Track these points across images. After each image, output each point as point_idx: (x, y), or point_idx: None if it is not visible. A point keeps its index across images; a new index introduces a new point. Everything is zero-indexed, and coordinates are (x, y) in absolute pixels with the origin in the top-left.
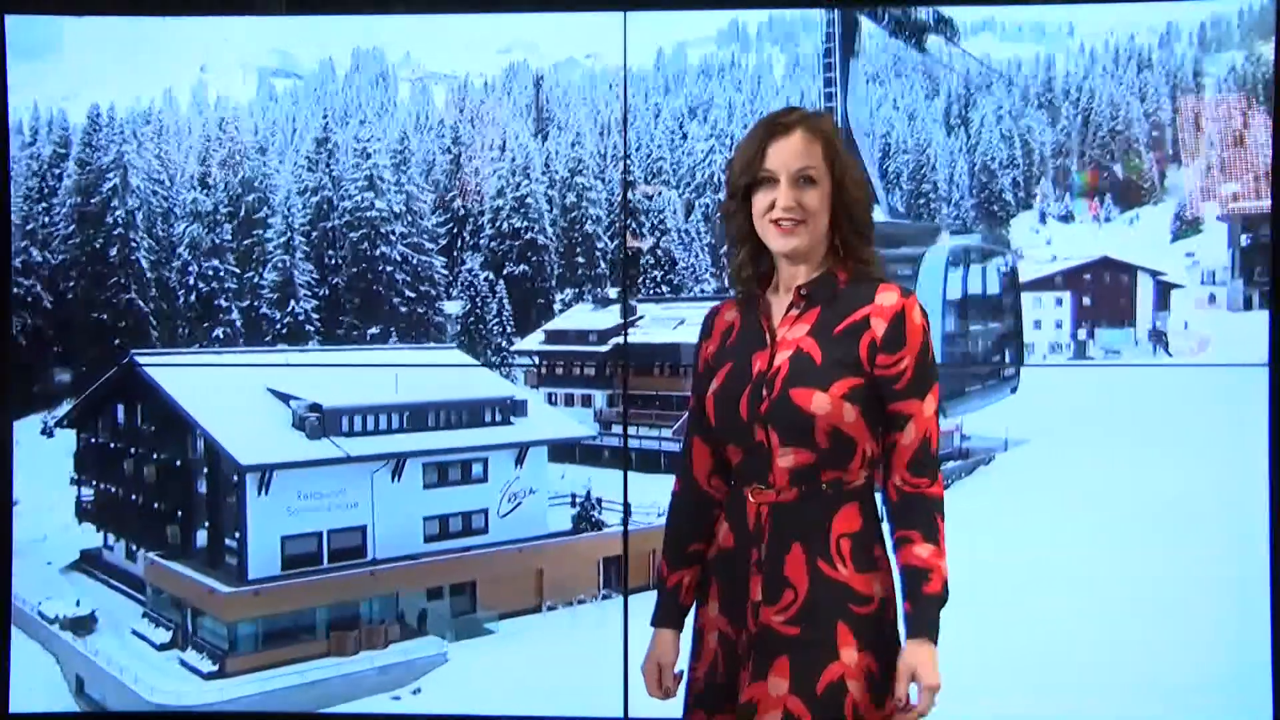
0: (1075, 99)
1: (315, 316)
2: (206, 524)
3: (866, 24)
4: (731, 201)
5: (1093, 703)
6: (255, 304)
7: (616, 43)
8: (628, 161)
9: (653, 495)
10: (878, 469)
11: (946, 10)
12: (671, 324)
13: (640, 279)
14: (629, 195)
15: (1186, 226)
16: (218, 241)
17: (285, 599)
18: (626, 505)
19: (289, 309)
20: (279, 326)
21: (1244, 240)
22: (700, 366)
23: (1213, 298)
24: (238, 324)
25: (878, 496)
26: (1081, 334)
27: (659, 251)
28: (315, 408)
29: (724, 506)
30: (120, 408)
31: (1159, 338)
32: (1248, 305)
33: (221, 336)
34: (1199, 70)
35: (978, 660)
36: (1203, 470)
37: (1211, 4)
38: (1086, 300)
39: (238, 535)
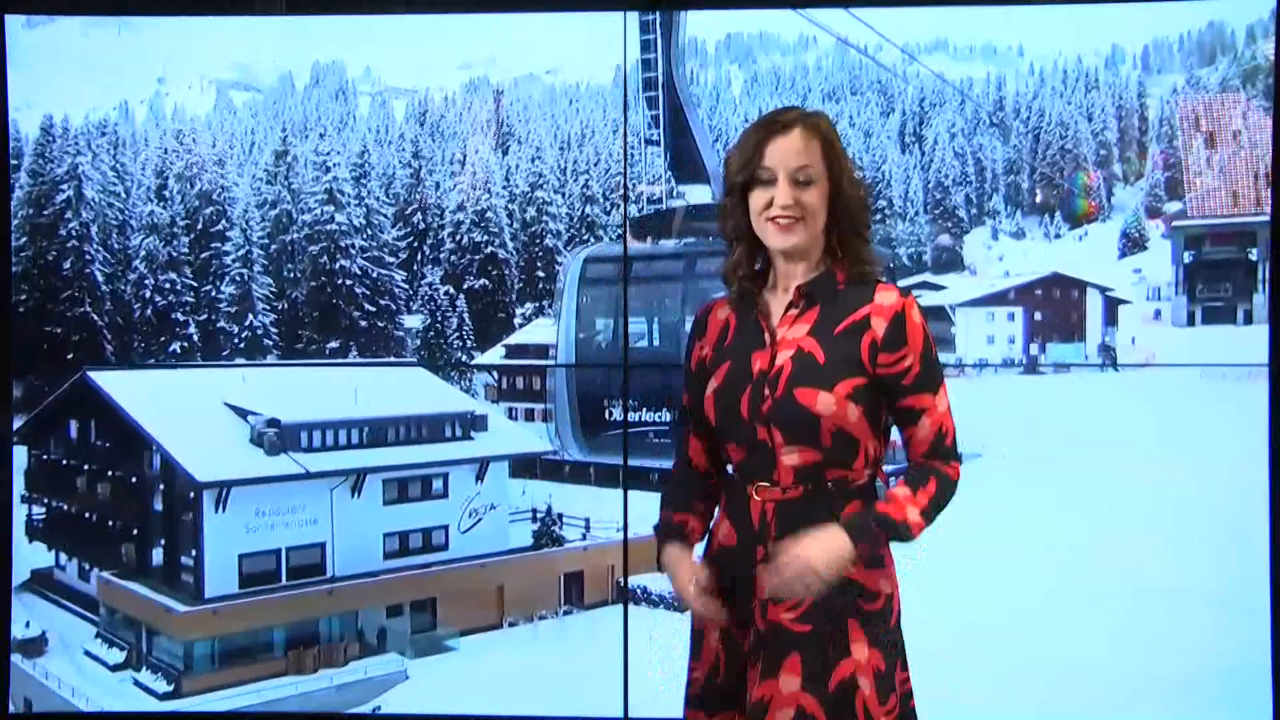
0: (1026, 118)
1: (274, 330)
2: (162, 542)
3: (823, 41)
4: (729, 199)
5: (1093, 703)
6: (213, 318)
7: (577, 57)
8: (627, 161)
9: (612, 511)
10: (880, 468)
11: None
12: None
13: None
14: (628, 195)
15: (1132, 244)
16: (175, 254)
17: (243, 617)
18: (626, 509)
19: (247, 323)
20: (237, 340)
21: (1187, 258)
22: (693, 365)
23: (1158, 313)
24: (195, 338)
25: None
26: (1034, 348)
27: None
28: (274, 423)
29: (723, 504)
30: (74, 423)
31: (1108, 352)
32: (1191, 321)
33: (178, 350)
34: (1143, 92)
35: (978, 661)
36: (1202, 471)
37: (1152, 28)
38: (1038, 315)
39: (194, 553)
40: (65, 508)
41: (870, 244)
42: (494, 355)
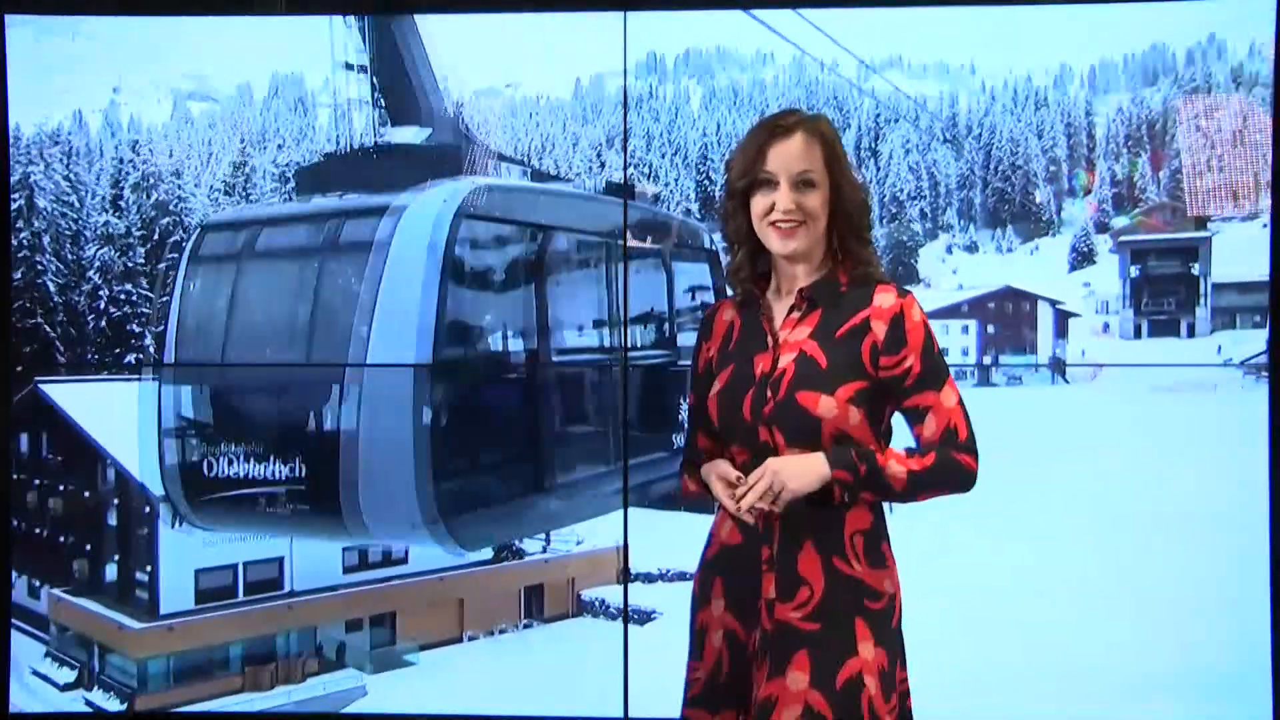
0: (978, 134)
1: None
2: (116, 557)
3: (780, 57)
4: (730, 203)
5: (1093, 703)
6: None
7: (536, 71)
8: (627, 163)
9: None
10: None
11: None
12: None
13: None
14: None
15: (1082, 258)
16: (130, 265)
17: (198, 634)
18: (626, 513)
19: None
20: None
21: (1134, 271)
22: (700, 367)
23: (1107, 326)
24: (151, 349)
25: None
26: (987, 360)
27: None
28: None
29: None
30: (24, 437)
31: (1058, 365)
32: (1137, 334)
33: (133, 362)
34: (1090, 110)
35: (977, 663)
36: (1202, 472)
37: (1099, 50)
38: (991, 328)
39: (149, 569)
40: (15, 523)
41: (872, 246)
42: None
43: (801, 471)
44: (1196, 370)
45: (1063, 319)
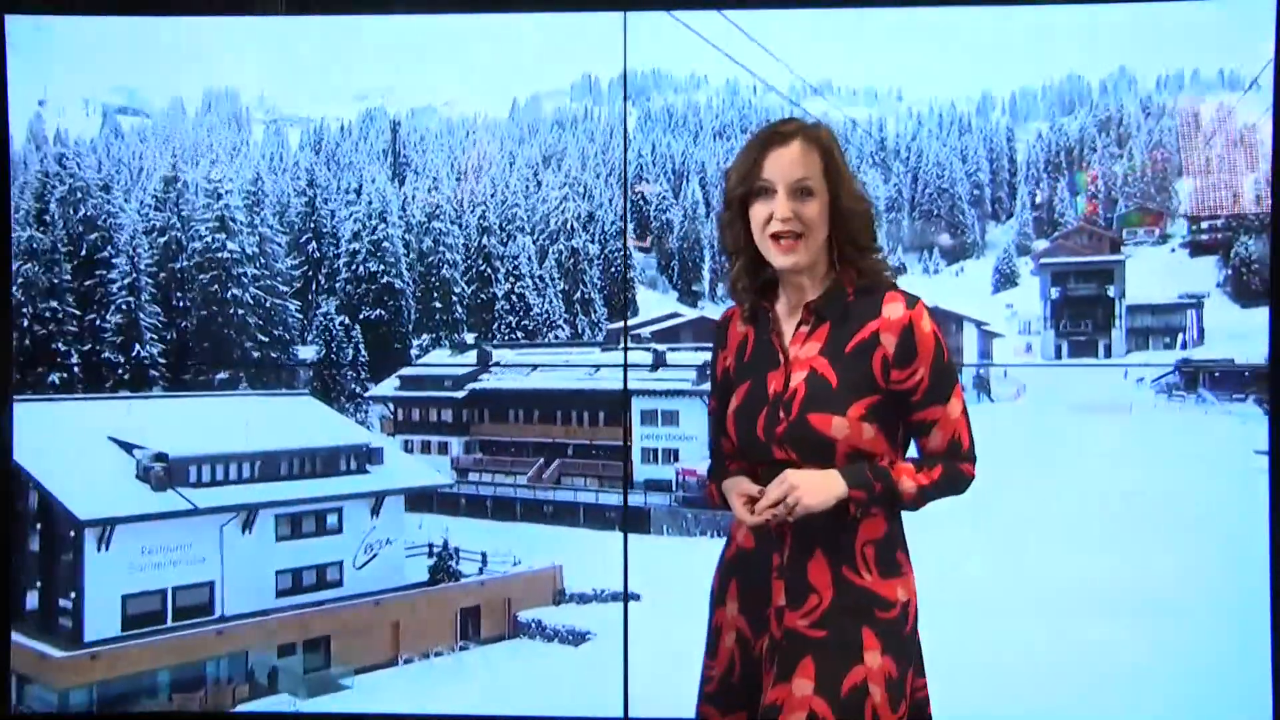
0: (905, 158)
1: (161, 361)
2: (39, 584)
3: (714, 80)
4: (728, 212)
5: (1093, 704)
6: (97, 347)
7: (472, 91)
8: (626, 164)
9: (510, 544)
10: None
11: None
12: (525, 370)
13: (494, 324)
14: (628, 196)
15: (1005, 280)
16: (55, 282)
17: (124, 661)
18: (625, 518)
19: (133, 353)
20: (121, 372)
21: (1054, 294)
22: (719, 373)
23: (1029, 347)
24: (76, 369)
25: None
26: None
27: (513, 297)
28: (161, 457)
29: None
30: None
31: (983, 384)
32: (1058, 354)
33: (57, 382)
34: (1011, 136)
35: (978, 663)
36: (1201, 472)
37: (1019, 78)
38: None
39: (73, 595)
40: None
41: (877, 254)
42: (388, 387)
43: (819, 488)
44: (1113, 390)
45: (987, 339)
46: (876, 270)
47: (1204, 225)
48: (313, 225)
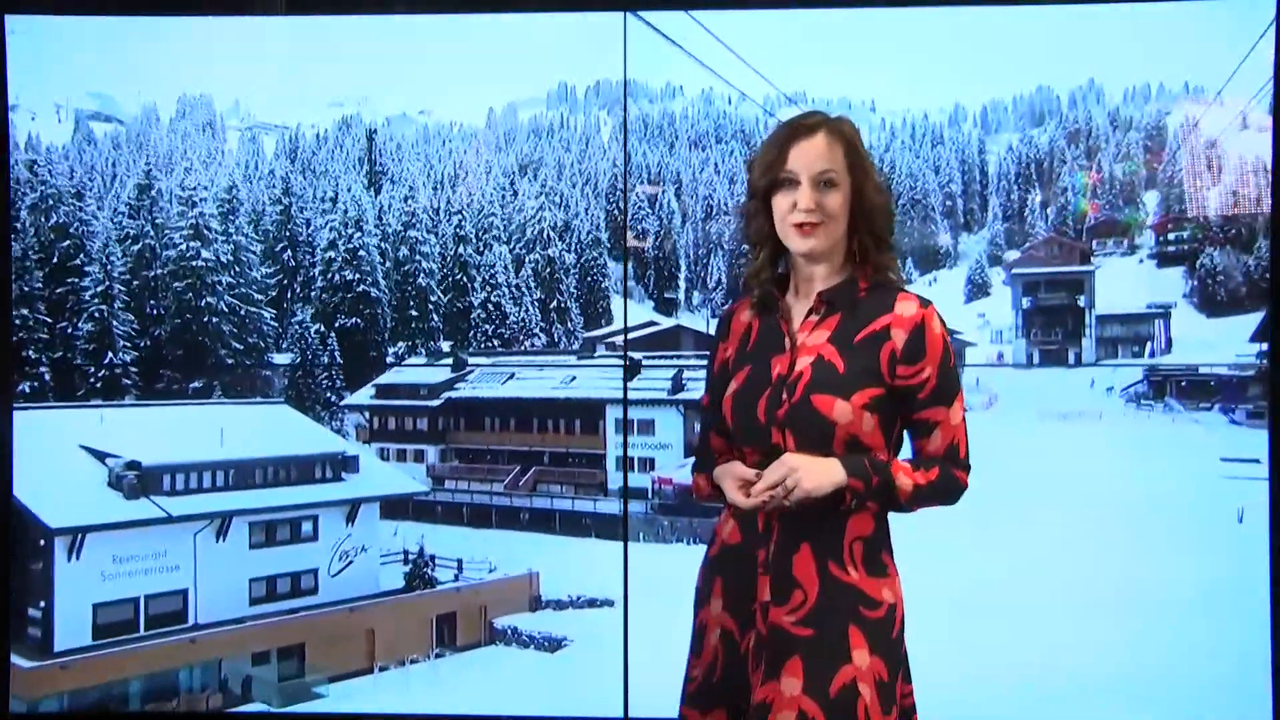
0: (878, 169)
1: (134, 369)
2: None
3: (690, 90)
4: (752, 203)
5: (1093, 704)
6: (69, 356)
7: (449, 99)
8: (628, 166)
9: (485, 551)
10: None
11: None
12: (501, 378)
13: (471, 333)
14: (629, 195)
15: (977, 290)
16: (26, 289)
17: (95, 671)
18: (626, 518)
19: (106, 361)
20: (94, 380)
21: (1026, 303)
22: (716, 368)
23: (1001, 356)
24: (47, 377)
25: None
26: None
27: (490, 306)
28: (134, 465)
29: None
30: None
31: None
32: (1029, 362)
33: (28, 390)
34: (983, 148)
35: (978, 663)
36: (1200, 472)
37: (990, 90)
38: None
39: (43, 604)
40: None
41: (893, 251)
42: (364, 395)
43: (818, 472)
44: (1083, 399)
45: (960, 349)
46: (892, 267)
47: (1170, 237)
48: (288, 233)
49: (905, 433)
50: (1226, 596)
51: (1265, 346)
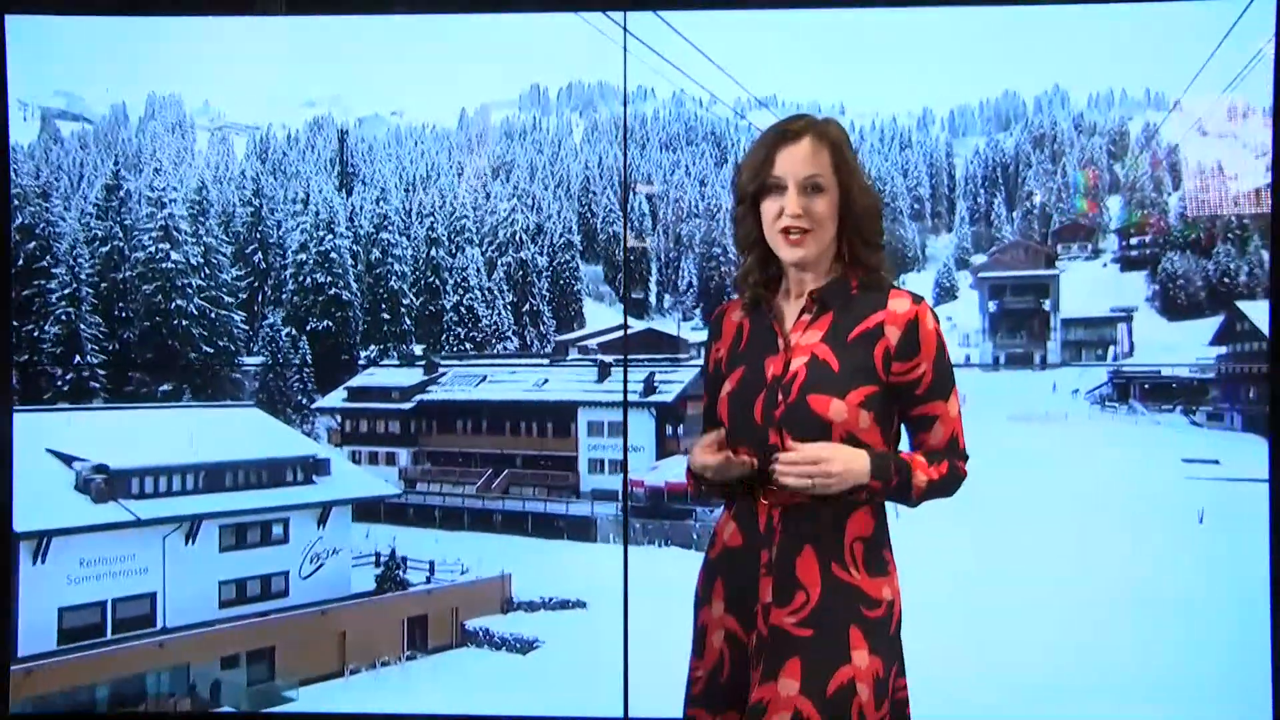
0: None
1: (102, 373)
2: None
3: (661, 92)
4: (740, 207)
5: (1093, 704)
6: (35, 359)
7: (422, 101)
8: (627, 168)
9: (457, 552)
10: None
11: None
12: (474, 381)
13: (443, 335)
14: (629, 197)
15: (945, 293)
16: None
17: (61, 677)
18: (626, 517)
19: (74, 364)
20: (60, 383)
21: (992, 306)
22: (710, 367)
23: (968, 358)
24: (13, 380)
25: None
26: None
27: (462, 309)
28: (101, 469)
29: (731, 506)
30: None
31: None
32: (996, 365)
33: None
34: (950, 151)
35: (979, 663)
36: (1134, 478)
37: (957, 95)
38: None
39: (7, 609)
40: None
41: (882, 251)
42: (336, 398)
43: (847, 460)
44: (1048, 401)
45: None
46: (883, 267)
47: (1133, 241)
48: (259, 235)
49: (907, 428)
50: (1190, 596)
51: (1225, 350)
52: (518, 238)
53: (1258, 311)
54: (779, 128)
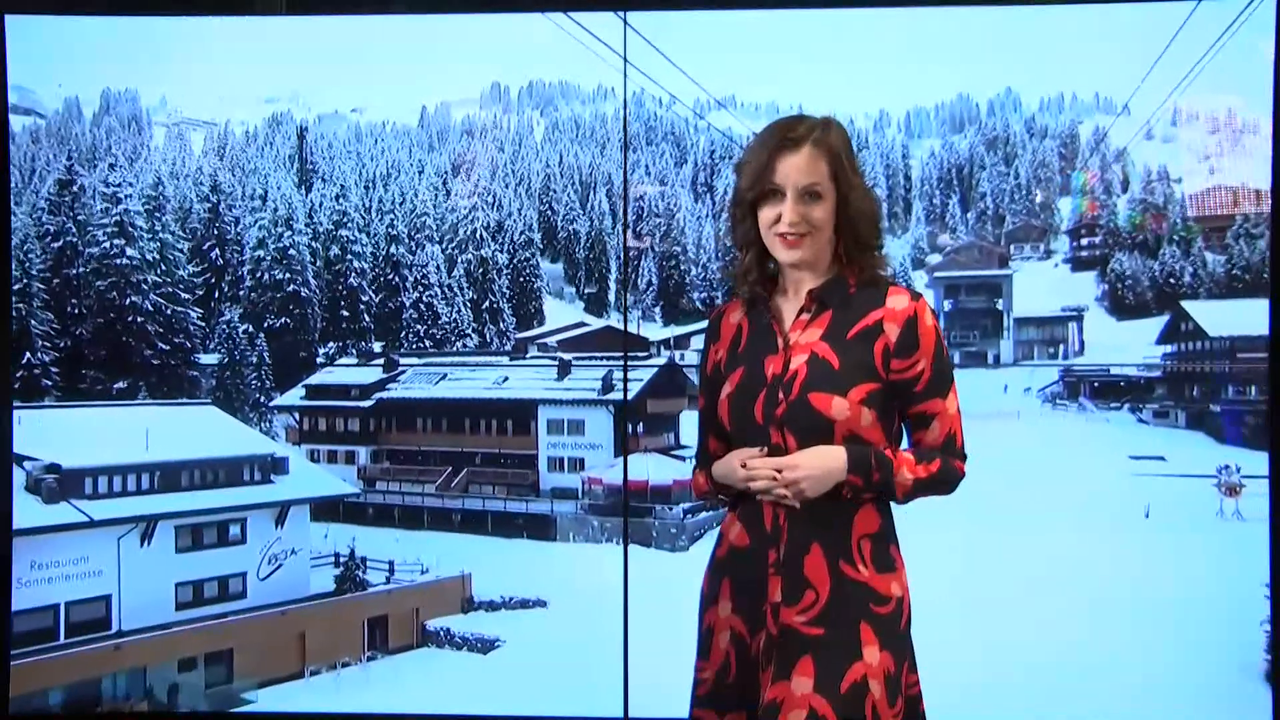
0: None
1: (54, 370)
2: None
3: (621, 92)
4: (739, 210)
5: (1093, 704)
6: None
7: (383, 98)
8: (627, 166)
9: (417, 552)
10: None
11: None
12: (433, 378)
13: (402, 333)
14: (629, 196)
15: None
16: None
17: (12, 681)
18: (626, 515)
19: (24, 361)
20: (12, 381)
21: (947, 305)
22: (709, 369)
23: None
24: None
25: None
26: None
27: (421, 306)
28: (53, 469)
29: (736, 507)
30: None
31: None
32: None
33: None
34: (906, 153)
35: (979, 663)
36: (1083, 474)
37: (912, 97)
38: None
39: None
40: None
41: (880, 253)
42: (294, 396)
43: (821, 478)
44: (1001, 400)
45: None
46: (880, 266)
47: (1084, 242)
48: (216, 232)
49: (905, 425)
50: (1136, 591)
51: (1171, 349)
52: (478, 235)
53: (1201, 311)
54: (780, 133)
